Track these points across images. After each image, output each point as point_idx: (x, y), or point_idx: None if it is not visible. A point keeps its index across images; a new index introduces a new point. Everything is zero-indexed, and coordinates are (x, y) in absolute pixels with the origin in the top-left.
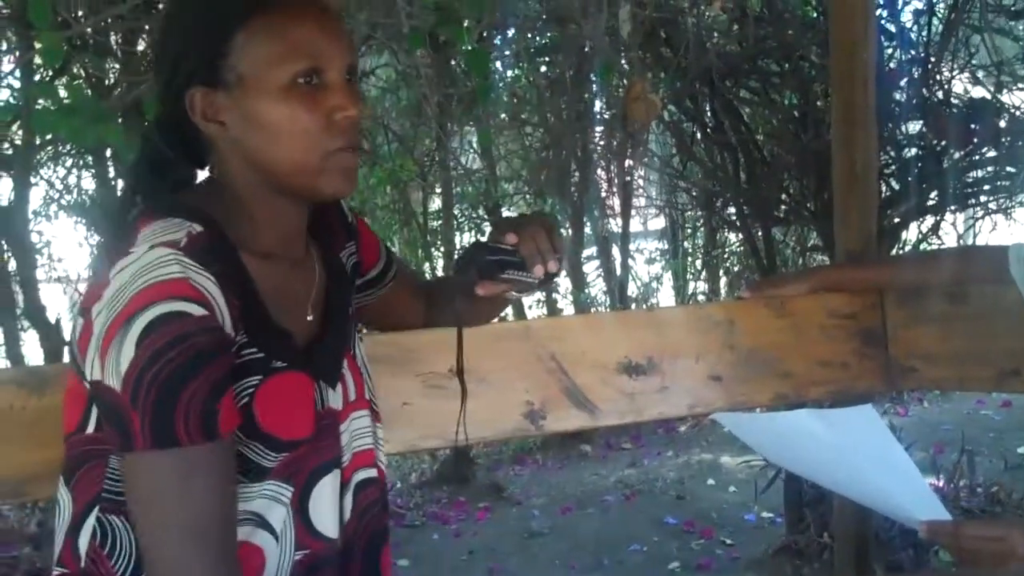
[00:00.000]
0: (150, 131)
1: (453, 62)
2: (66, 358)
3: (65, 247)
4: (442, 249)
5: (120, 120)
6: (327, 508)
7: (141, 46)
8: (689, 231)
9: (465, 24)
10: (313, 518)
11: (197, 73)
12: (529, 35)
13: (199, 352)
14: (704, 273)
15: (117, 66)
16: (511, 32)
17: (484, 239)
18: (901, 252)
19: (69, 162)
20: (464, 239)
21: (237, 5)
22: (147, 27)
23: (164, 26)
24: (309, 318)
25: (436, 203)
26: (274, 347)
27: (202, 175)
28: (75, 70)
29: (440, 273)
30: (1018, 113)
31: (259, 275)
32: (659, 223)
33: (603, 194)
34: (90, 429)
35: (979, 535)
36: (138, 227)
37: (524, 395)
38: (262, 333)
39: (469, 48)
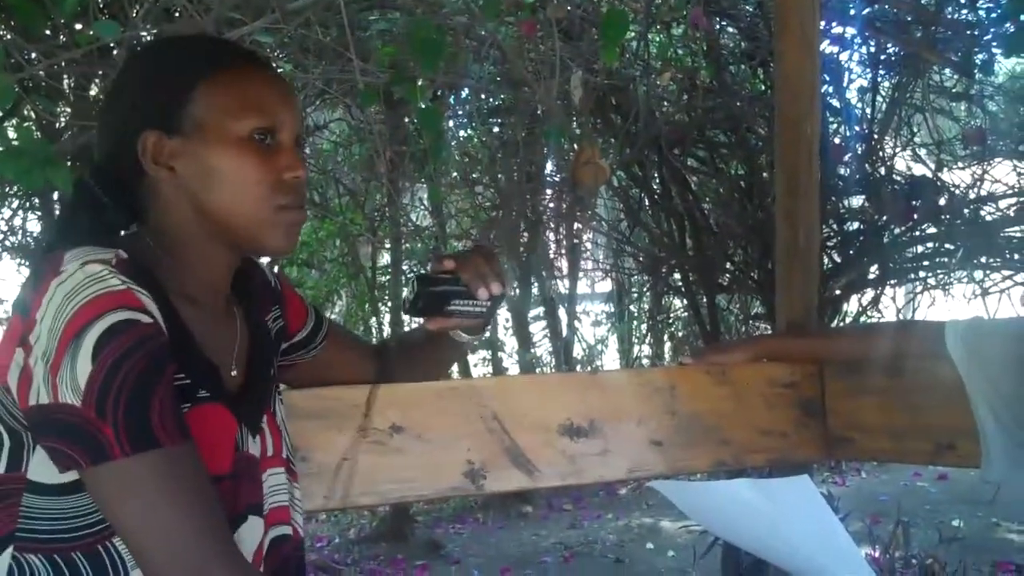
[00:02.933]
0: (86, 175)
1: (406, 120)
2: None
3: (8, 290)
4: (390, 304)
5: (69, 163)
6: (247, 555)
7: (93, 91)
8: (635, 295)
9: (419, 83)
10: None
11: (153, 118)
12: (483, 96)
13: (157, 356)
14: (649, 337)
15: (68, 109)
16: (464, 92)
17: (425, 271)
18: (841, 324)
19: (16, 204)
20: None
21: (204, 58)
22: (100, 72)
23: (125, 69)
24: (233, 373)
25: (385, 258)
26: (202, 376)
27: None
28: (25, 112)
29: (387, 328)
30: (957, 191)
31: (185, 314)
32: (606, 286)
33: (551, 255)
34: (0, 469)
35: None
36: (61, 254)
37: (465, 454)
38: (190, 361)
39: (422, 107)
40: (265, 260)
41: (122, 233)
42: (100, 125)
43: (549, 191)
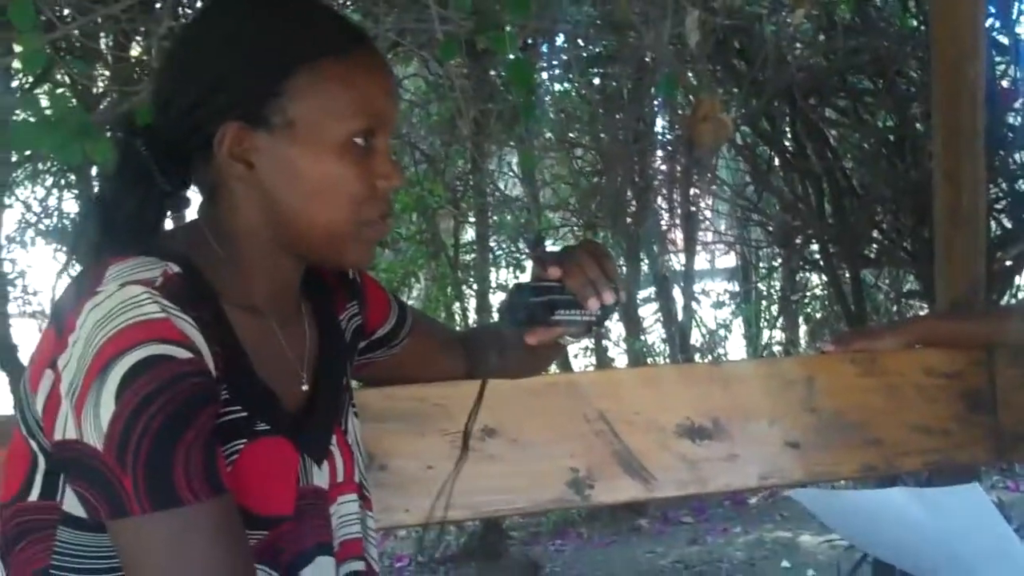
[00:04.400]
0: (136, 142)
1: (492, 73)
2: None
3: (42, 278)
4: (475, 287)
5: (109, 134)
6: None
7: (135, 51)
8: (764, 271)
9: (507, 30)
10: None
11: (238, 106)
12: (581, 44)
13: (191, 397)
14: (781, 320)
15: (107, 73)
16: (560, 40)
17: (525, 279)
18: (1013, 301)
19: (49, 181)
20: (501, 276)
21: (306, 43)
22: (143, 29)
23: (200, 33)
24: (304, 387)
25: (469, 234)
26: (259, 406)
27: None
28: (59, 77)
29: (472, 315)
30: None
31: (242, 329)
32: (729, 261)
33: (664, 227)
34: (33, 497)
35: None
36: (107, 264)
37: (568, 460)
38: (246, 389)
39: (511, 58)
40: None
41: (180, 222)
42: (162, 92)
43: (660, 152)
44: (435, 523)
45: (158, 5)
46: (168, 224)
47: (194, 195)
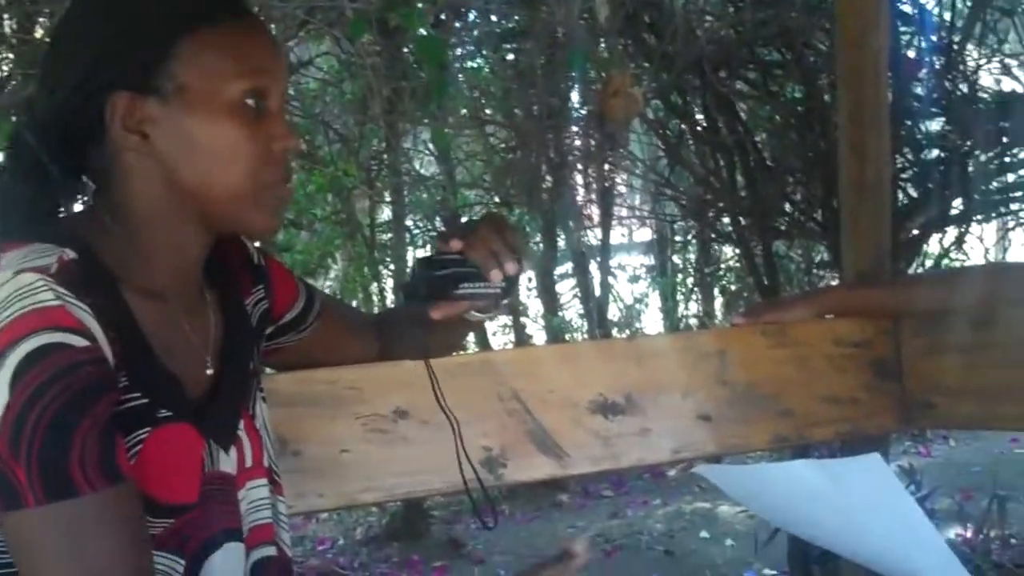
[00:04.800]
0: (25, 134)
1: (405, 50)
2: None
3: None
4: (392, 267)
5: (13, 119)
6: None
7: (39, 34)
8: (679, 245)
9: (418, 6)
10: None
11: (125, 75)
12: (493, 19)
13: (87, 386)
14: (696, 293)
15: (10, 56)
16: (472, 16)
17: (428, 253)
18: (920, 270)
19: None
20: (418, 255)
21: (190, 7)
22: (47, 11)
23: (85, 9)
24: (209, 371)
25: (385, 213)
26: (161, 393)
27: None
28: None
29: (389, 295)
30: None
31: (143, 314)
32: (645, 235)
33: (579, 202)
34: None
35: None
36: (0, 252)
37: (481, 440)
38: (146, 375)
39: (421, 34)
40: None
41: (75, 208)
42: (48, 75)
43: (575, 128)
44: (350, 506)
45: None
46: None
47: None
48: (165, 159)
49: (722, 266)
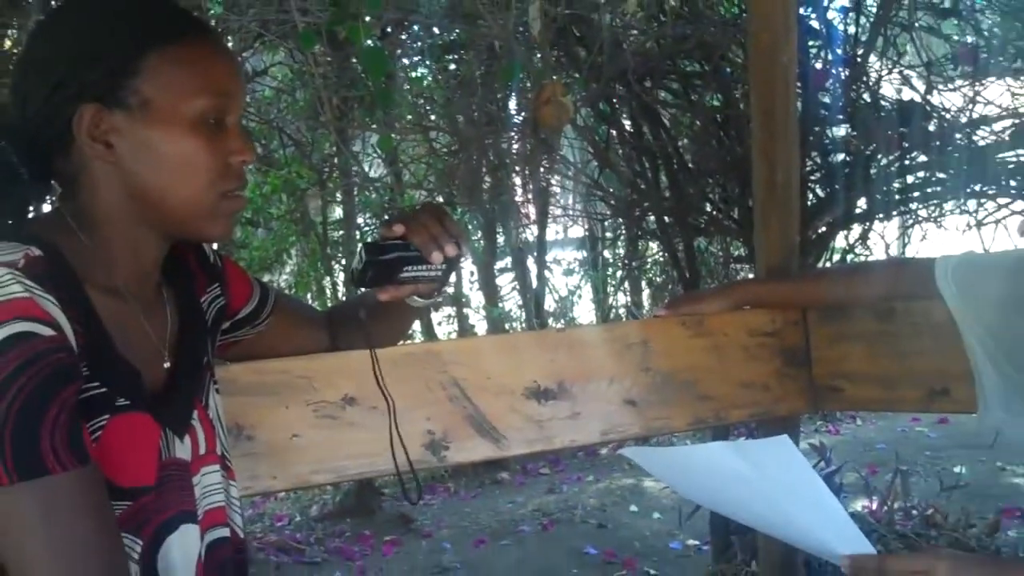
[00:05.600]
0: None
1: (354, 60)
2: None
3: None
4: (343, 262)
5: None
6: (181, 565)
7: (7, 44)
8: (609, 241)
9: (365, 20)
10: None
11: (92, 88)
12: (436, 32)
13: (55, 372)
14: (625, 285)
15: None
16: (416, 29)
17: (371, 240)
18: (828, 264)
19: None
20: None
21: (154, 25)
22: (14, 22)
23: (55, 24)
24: (166, 364)
25: (337, 212)
26: (119, 383)
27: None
28: None
29: (341, 288)
30: (948, 115)
31: (105, 311)
32: (578, 231)
33: (517, 202)
34: None
35: (903, 569)
36: None
37: (424, 424)
38: (107, 367)
39: (368, 46)
40: None
41: (43, 209)
42: (20, 85)
43: (511, 133)
44: (302, 488)
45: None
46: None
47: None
48: (128, 169)
49: (648, 260)
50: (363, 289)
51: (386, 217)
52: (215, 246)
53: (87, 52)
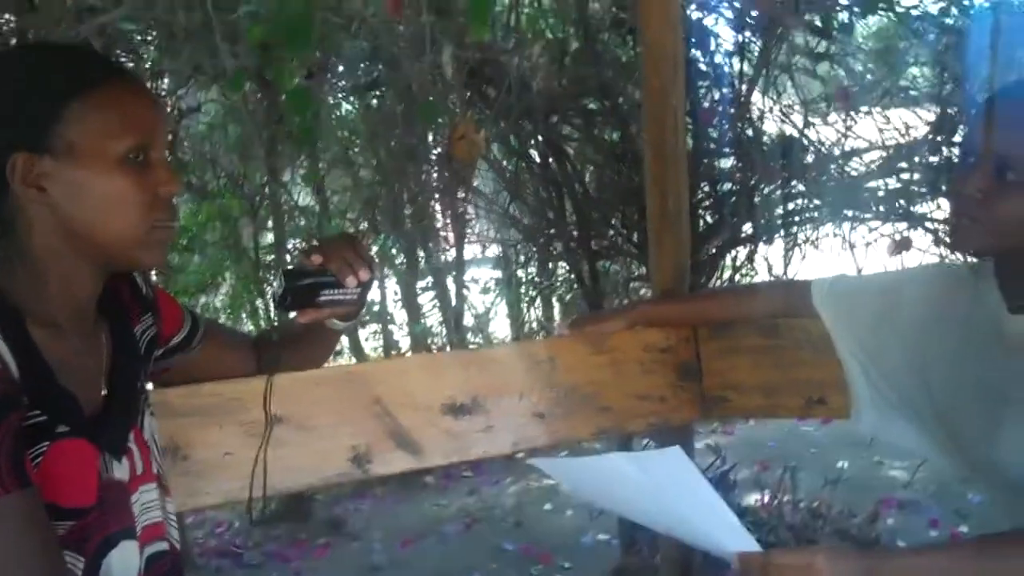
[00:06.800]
0: None
1: (283, 96)
2: None
3: None
4: (275, 284)
5: None
6: None
7: None
8: (521, 262)
9: (293, 61)
10: None
11: (20, 138)
12: (359, 73)
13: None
14: (537, 303)
15: None
16: (340, 69)
17: (290, 267)
18: (718, 283)
19: None
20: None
21: (73, 75)
22: None
23: None
24: (103, 392)
25: (268, 238)
26: (59, 411)
27: None
28: None
29: (273, 309)
30: (824, 148)
31: (45, 344)
32: (495, 250)
33: (437, 227)
34: None
35: (786, 563)
36: None
37: (349, 440)
38: (47, 396)
39: (294, 86)
40: None
41: None
42: None
43: (430, 165)
44: (236, 502)
45: None
46: None
47: None
48: (61, 209)
49: (557, 280)
50: (292, 314)
51: (305, 245)
52: (152, 275)
53: (12, 105)
